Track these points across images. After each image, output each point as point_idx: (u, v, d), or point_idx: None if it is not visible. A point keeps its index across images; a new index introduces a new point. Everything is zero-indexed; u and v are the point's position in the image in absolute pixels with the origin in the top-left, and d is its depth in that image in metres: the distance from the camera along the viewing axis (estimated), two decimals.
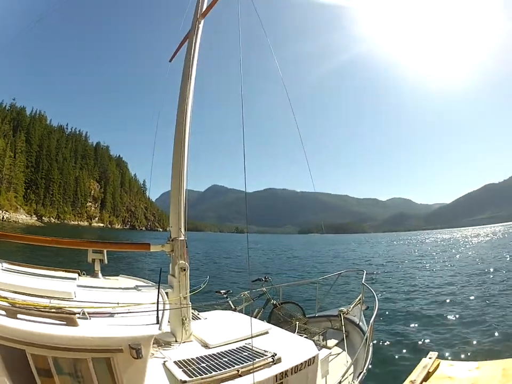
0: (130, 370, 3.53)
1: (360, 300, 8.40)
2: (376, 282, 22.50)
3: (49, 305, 3.69)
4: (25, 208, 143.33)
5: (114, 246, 6.41)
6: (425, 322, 13.15)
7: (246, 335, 5.23)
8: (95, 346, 3.36)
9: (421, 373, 6.10)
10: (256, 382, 4.11)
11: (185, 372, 4.07)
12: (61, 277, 4.93)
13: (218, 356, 4.63)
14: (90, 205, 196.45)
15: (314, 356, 5.03)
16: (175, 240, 5.54)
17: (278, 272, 29.57)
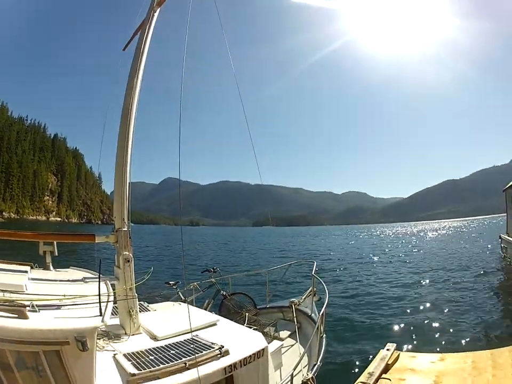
0: (79, 363, 3.48)
1: (311, 291, 8.38)
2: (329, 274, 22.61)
3: (2, 299, 3.59)
4: None
5: (62, 237, 6.30)
6: (380, 314, 12.92)
7: (194, 327, 5.09)
8: (44, 339, 3.32)
9: (379, 365, 6.09)
10: (204, 375, 4.08)
11: (134, 364, 4.01)
12: (12, 270, 4.85)
13: (166, 348, 4.56)
14: (48, 199, 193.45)
15: (263, 348, 4.92)
16: (118, 231, 5.37)
17: (230, 264, 29.43)
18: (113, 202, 5.51)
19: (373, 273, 23.03)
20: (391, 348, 6.73)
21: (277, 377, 5.40)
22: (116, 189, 5.46)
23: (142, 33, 6.00)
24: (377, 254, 36.74)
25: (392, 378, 5.73)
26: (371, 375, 5.70)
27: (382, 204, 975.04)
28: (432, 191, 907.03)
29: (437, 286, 17.69)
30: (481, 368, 5.97)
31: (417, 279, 19.69)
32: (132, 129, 5.59)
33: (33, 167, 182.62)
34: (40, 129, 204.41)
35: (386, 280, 20.33)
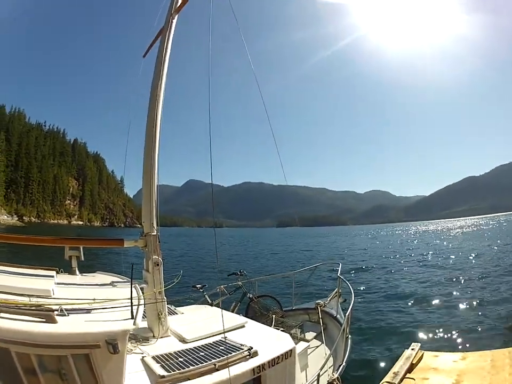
0: (108, 366, 3.55)
1: (337, 292, 8.51)
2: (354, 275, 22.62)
3: (28, 303, 3.69)
4: (6, 208, 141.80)
5: (89, 242, 6.51)
6: (406, 314, 13.05)
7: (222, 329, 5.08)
8: (74, 343, 3.38)
9: (404, 364, 6.28)
10: (233, 376, 4.17)
11: (163, 366, 4.10)
12: (39, 275, 4.93)
13: (195, 350, 4.65)
14: (69, 203, 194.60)
15: (291, 349, 5.03)
16: (147, 235, 5.48)
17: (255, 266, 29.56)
18: (142, 207, 5.59)
19: (398, 273, 23.24)
20: (416, 347, 6.86)
21: (303, 378, 5.46)
22: (144, 194, 5.56)
23: (162, 40, 6.11)
24: (401, 254, 37.12)
25: (416, 377, 5.93)
26: (396, 375, 5.90)
27: (405, 202, 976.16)
28: (453, 188, 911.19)
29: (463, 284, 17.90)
30: (499, 366, 6.09)
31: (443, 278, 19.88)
32: (158, 136, 5.66)
33: (53, 171, 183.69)
34: (59, 134, 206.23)
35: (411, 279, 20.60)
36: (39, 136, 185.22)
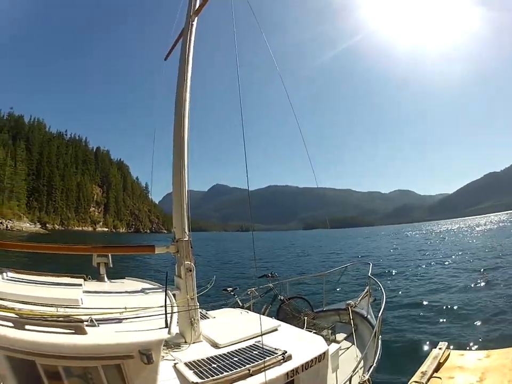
0: (141, 376, 3.47)
1: (367, 292, 8.46)
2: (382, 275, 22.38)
3: (56, 314, 3.62)
4: (28, 216, 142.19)
5: (120, 249, 6.62)
6: (434, 313, 13.05)
7: (256, 333, 5.18)
8: (105, 354, 3.32)
9: (432, 363, 6.36)
10: (267, 381, 4.07)
11: (196, 373, 4.06)
12: (66, 284, 4.88)
13: (229, 355, 4.60)
14: (94, 210, 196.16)
15: (324, 352, 5.01)
16: (179, 241, 5.51)
17: (284, 269, 29.29)
18: (172, 213, 5.65)
19: (425, 272, 23.35)
20: (443, 346, 6.92)
21: (333, 380, 5.43)
22: (175, 200, 5.63)
23: (183, 43, 6.14)
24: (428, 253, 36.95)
25: (442, 376, 5.99)
26: (424, 374, 5.97)
27: (429, 201, 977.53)
28: (475, 185, 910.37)
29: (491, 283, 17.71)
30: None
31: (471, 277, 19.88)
32: (186, 142, 5.72)
33: (76, 179, 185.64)
34: (81, 143, 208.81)
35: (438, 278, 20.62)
36: (61, 145, 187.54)
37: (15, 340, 3.16)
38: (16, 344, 3.17)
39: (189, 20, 6.21)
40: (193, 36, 6.17)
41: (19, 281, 4.71)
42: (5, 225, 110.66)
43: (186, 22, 6.26)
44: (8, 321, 3.30)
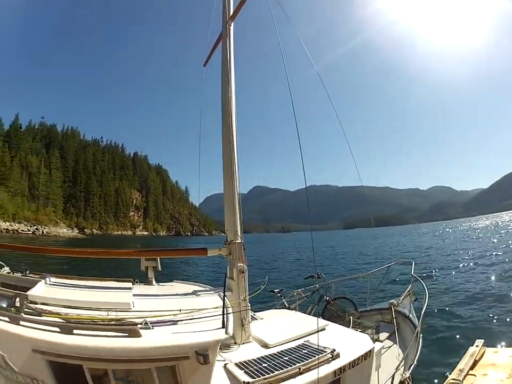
0: (196, 377, 3.52)
1: (409, 291, 8.40)
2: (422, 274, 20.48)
3: (107, 318, 3.69)
4: (65, 222, 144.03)
5: (171, 253, 6.88)
6: (473, 310, 13.00)
7: (304, 333, 5.32)
8: (161, 356, 3.35)
9: (469, 361, 6.33)
10: (316, 379, 4.12)
11: (247, 373, 4.11)
12: (116, 288, 4.94)
13: (279, 355, 4.66)
14: (133, 214, 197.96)
15: (370, 350, 5.05)
16: (232, 243, 5.56)
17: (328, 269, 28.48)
18: (225, 216, 5.73)
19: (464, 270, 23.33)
20: (479, 344, 6.93)
21: (375, 378, 5.50)
22: (227, 204, 5.73)
23: (223, 48, 6.25)
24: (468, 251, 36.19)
25: (477, 374, 6.01)
26: (461, 372, 6.00)
27: (466, 197, 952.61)
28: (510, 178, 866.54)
29: None
30: None
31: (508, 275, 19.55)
32: (236, 146, 5.79)
33: (114, 185, 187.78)
34: (117, 149, 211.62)
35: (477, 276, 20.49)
36: (97, 152, 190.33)
37: (63, 344, 3.17)
38: (63, 349, 3.17)
39: (226, 25, 6.32)
40: (232, 41, 6.25)
41: (62, 286, 4.76)
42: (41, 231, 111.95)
43: (223, 28, 6.36)
44: (54, 326, 3.32)
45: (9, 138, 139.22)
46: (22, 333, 3.24)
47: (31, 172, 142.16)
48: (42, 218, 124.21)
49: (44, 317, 3.51)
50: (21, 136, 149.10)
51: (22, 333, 3.24)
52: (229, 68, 6.02)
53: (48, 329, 3.30)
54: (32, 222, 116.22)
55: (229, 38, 6.24)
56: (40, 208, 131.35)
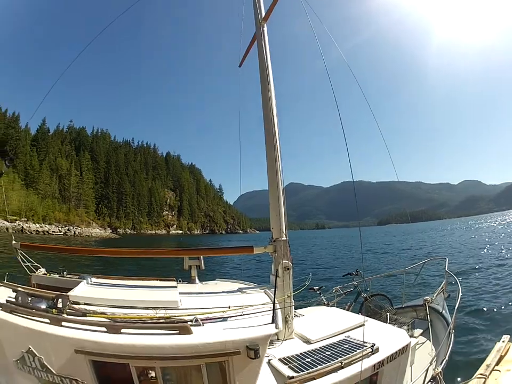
0: (244, 371, 3.57)
1: (443, 287, 8.44)
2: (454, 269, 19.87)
3: (156, 316, 3.79)
4: (98, 222, 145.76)
5: (216, 251, 6.99)
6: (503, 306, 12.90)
7: (344, 328, 5.43)
8: (212, 352, 3.40)
9: (495, 357, 6.29)
10: (357, 373, 4.22)
11: (291, 368, 4.19)
12: (161, 286, 5.07)
13: (321, 350, 4.75)
14: (167, 214, 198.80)
15: (407, 344, 5.16)
16: (277, 241, 5.57)
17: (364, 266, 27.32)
18: (270, 214, 5.76)
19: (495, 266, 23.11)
20: (506, 339, 6.91)
21: (409, 373, 5.62)
22: (272, 202, 5.77)
23: (259, 49, 6.33)
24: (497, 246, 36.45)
25: (501, 369, 6.00)
26: (488, 367, 5.99)
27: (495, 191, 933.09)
28: None
29: None
30: None
31: None
32: (279, 144, 5.84)
33: (147, 185, 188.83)
34: (149, 149, 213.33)
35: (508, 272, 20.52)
36: (128, 153, 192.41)
37: (110, 344, 3.23)
38: (111, 348, 3.23)
39: (259, 26, 6.40)
40: (267, 42, 6.32)
41: (105, 286, 4.87)
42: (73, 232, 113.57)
43: (257, 29, 6.45)
44: (100, 326, 3.39)
45: (36, 142, 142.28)
46: (65, 334, 3.28)
47: (61, 174, 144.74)
48: (74, 219, 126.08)
49: (88, 317, 3.58)
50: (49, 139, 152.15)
51: (65, 334, 3.28)
52: (267, 68, 6.03)
53: (93, 329, 3.35)
54: (64, 223, 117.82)
55: (263, 39, 6.28)
56: (71, 209, 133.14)
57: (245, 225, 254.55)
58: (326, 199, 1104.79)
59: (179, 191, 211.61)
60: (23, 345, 3.35)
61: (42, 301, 3.76)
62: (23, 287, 4.37)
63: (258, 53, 6.33)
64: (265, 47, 6.26)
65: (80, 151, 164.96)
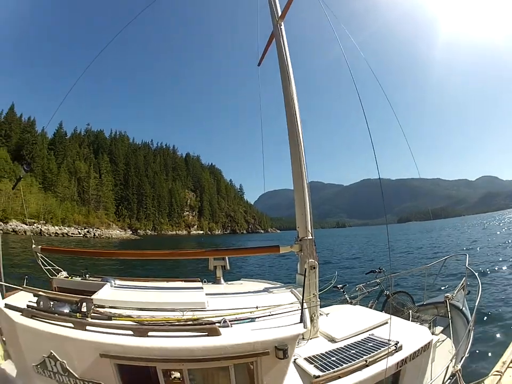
0: (272, 372, 3.56)
1: (463, 284, 8.42)
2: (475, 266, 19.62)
3: (183, 318, 3.75)
4: (118, 224, 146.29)
5: (243, 251, 6.93)
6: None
7: (368, 326, 5.41)
8: (241, 353, 3.38)
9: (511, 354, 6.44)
10: (381, 371, 4.25)
11: (317, 367, 4.18)
12: (187, 288, 5.08)
13: (346, 348, 4.73)
14: (188, 214, 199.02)
15: (429, 342, 5.15)
16: (303, 240, 5.56)
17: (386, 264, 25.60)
18: (296, 213, 5.72)
19: None
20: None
21: (429, 370, 5.58)
22: (297, 201, 5.72)
23: (278, 48, 6.30)
24: None
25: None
26: (504, 364, 6.14)
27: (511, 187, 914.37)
28: None
29: None
30: None
31: None
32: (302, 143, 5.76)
33: (167, 186, 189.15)
34: (168, 150, 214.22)
35: None
36: (148, 155, 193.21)
37: (138, 347, 3.23)
38: (138, 351, 3.23)
39: (277, 25, 6.37)
40: (286, 40, 6.29)
41: (129, 288, 4.88)
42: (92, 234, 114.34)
43: (275, 28, 6.43)
44: (127, 330, 3.39)
45: (54, 146, 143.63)
46: (90, 338, 3.28)
47: (80, 177, 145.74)
48: (93, 221, 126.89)
49: (114, 321, 3.58)
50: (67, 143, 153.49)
51: (90, 338, 3.28)
52: (287, 66, 5.99)
53: (118, 332, 3.36)
54: (83, 225, 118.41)
55: (282, 38, 6.27)
56: (91, 211, 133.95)
57: (266, 225, 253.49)
58: (346, 197, 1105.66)
59: (199, 192, 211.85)
60: (44, 350, 3.34)
61: (65, 305, 3.74)
62: (44, 291, 4.27)
63: (277, 52, 6.27)
64: (284, 46, 6.21)
65: (98, 153, 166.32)
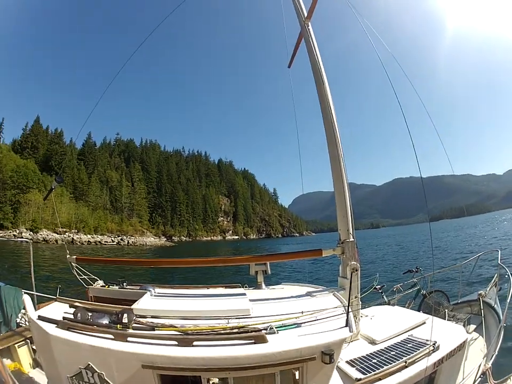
0: (318, 377, 3.55)
1: (495, 280, 8.37)
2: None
3: (229, 326, 3.70)
4: (152, 231, 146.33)
5: (285, 256, 7.05)
6: None
7: (407, 327, 5.45)
8: (287, 359, 3.35)
9: None
10: (420, 371, 4.30)
11: (359, 370, 4.22)
12: (230, 294, 5.00)
13: (386, 350, 4.78)
14: (223, 219, 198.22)
15: (464, 341, 5.18)
16: (345, 243, 5.55)
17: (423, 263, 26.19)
18: (337, 216, 5.74)
19: None
20: None
21: (461, 370, 5.59)
22: (338, 204, 5.70)
23: (308, 49, 6.24)
24: None
25: None
26: None
27: None
28: None
29: None
30: None
31: None
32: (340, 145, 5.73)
33: (201, 192, 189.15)
34: (200, 157, 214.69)
35: None
36: (180, 162, 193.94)
37: (183, 358, 3.21)
38: (183, 362, 3.22)
39: (304, 25, 6.32)
40: (315, 40, 6.22)
41: (169, 296, 4.84)
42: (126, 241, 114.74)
43: (302, 28, 6.39)
44: (171, 340, 3.38)
45: (83, 156, 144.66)
46: (132, 350, 3.28)
47: (112, 186, 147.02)
48: (127, 229, 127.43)
49: (157, 331, 3.57)
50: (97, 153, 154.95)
51: (132, 350, 3.28)
52: (319, 66, 5.95)
53: (161, 343, 3.35)
54: (116, 233, 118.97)
55: (310, 38, 6.21)
56: (124, 219, 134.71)
57: (300, 228, 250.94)
58: (379, 197, 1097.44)
59: (233, 197, 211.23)
60: (81, 361, 3.35)
61: (104, 315, 3.79)
62: (80, 302, 4.33)
63: (308, 53, 6.21)
64: (314, 46, 6.12)
65: (130, 162, 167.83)
